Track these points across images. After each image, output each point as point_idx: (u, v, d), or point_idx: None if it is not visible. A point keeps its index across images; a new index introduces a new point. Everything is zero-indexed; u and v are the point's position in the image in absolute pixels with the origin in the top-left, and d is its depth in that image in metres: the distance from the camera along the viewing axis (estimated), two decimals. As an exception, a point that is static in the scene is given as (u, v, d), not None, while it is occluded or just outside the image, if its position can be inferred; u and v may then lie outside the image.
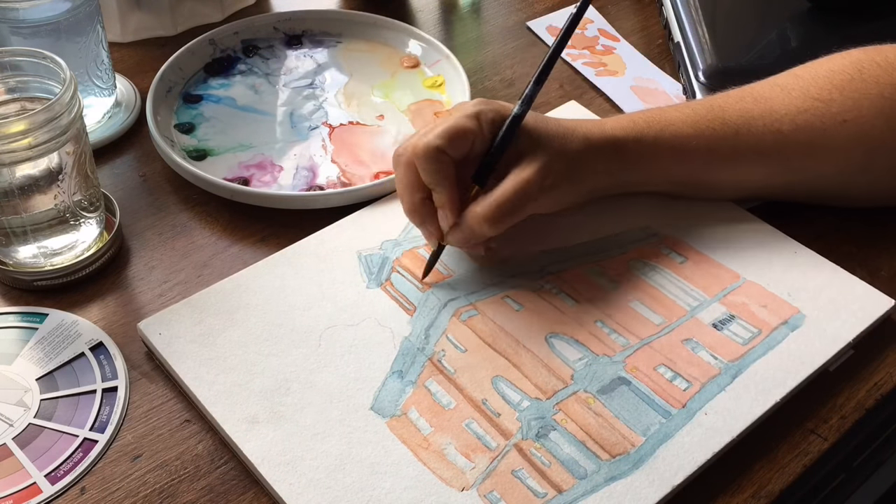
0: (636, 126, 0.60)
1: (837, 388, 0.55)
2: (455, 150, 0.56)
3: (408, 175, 0.57)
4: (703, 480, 0.50)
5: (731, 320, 0.57)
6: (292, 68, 0.78)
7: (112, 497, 0.49)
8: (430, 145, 0.56)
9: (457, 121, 0.57)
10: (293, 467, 0.49)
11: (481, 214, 0.56)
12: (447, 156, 0.56)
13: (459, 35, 0.85)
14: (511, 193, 0.56)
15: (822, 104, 0.60)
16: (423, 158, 0.56)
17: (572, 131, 0.58)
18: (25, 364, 0.55)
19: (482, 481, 0.49)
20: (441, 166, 0.56)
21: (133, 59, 0.80)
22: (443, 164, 0.56)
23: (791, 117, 0.60)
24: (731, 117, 0.61)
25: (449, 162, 0.56)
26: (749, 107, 0.61)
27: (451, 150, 0.56)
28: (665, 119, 0.61)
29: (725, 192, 0.64)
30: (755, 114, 0.61)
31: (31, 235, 0.59)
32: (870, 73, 0.60)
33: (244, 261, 0.62)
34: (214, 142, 0.71)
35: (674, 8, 0.80)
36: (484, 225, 0.56)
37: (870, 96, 0.60)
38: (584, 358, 0.55)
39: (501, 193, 0.56)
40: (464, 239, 0.58)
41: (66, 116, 0.55)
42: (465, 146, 0.57)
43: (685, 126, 0.60)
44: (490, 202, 0.56)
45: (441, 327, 0.57)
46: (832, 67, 0.61)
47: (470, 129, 0.56)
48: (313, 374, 0.54)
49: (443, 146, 0.55)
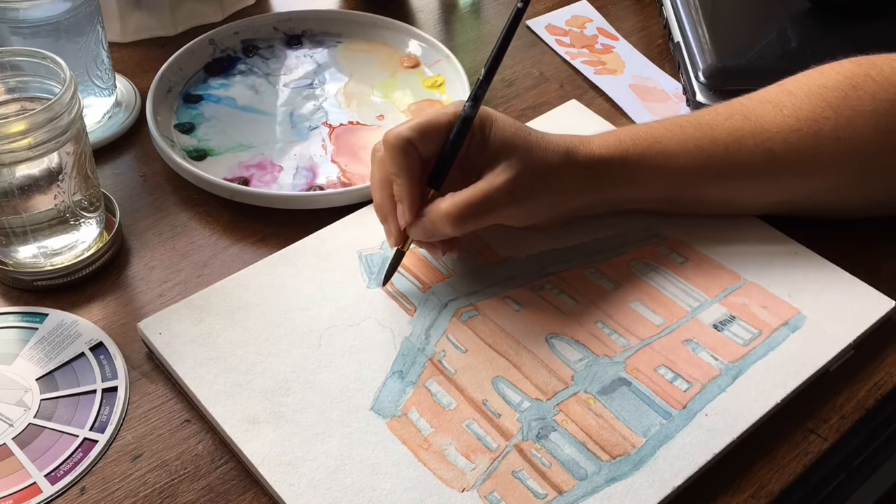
0: (622, 144, 0.59)
1: (837, 388, 0.55)
2: (424, 144, 0.55)
3: (380, 170, 0.57)
4: (703, 480, 0.50)
5: (732, 321, 0.57)
6: (292, 68, 0.78)
7: (112, 497, 0.49)
8: (399, 135, 0.55)
9: (431, 116, 0.56)
10: (293, 468, 0.49)
11: (444, 211, 0.55)
12: (414, 149, 0.55)
13: (459, 35, 0.85)
14: (478, 196, 0.55)
15: (816, 123, 0.58)
16: (391, 147, 0.55)
17: (554, 145, 0.57)
18: (25, 364, 0.55)
19: (483, 482, 0.49)
20: (406, 158, 0.55)
21: (133, 59, 0.80)
22: (408, 157, 0.55)
23: (783, 136, 0.59)
24: (720, 135, 0.59)
25: (415, 155, 0.55)
26: (739, 125, 0.59)
27: (420, 144, 0.55)
28: (651, 136, 0.59)
29: (715, 209, 0.63)
30: (745, 132, 0.59)
31: (31, 235, 0.58)
32: (864, 88, 0.59)
33: (244, 261, 0.62)
34: (214, 142, 0.71)
35: (674, 8, 0.80)
36: (446, 223, 0.55)
37: (864, 113, 0.58)
38: (584, 359, 0.55)
39: (468, 195, 0.55)
40: (424, 233, 0.56)
41: (66, 116, 0.55)
42: (435, 143, 0.56)
43: (672, 143, 0.59)
44: (455, 201, 0.55)
45: (441, 327, 0.57)
46: (825, 84, 0.60)
47: (443, 125, 0.56)
48: (313, 375, 0.54)
49: (412, 138, 0.55)
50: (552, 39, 0.84)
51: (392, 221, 0.57)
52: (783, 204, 0.62)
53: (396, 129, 0.56)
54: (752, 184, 0.60)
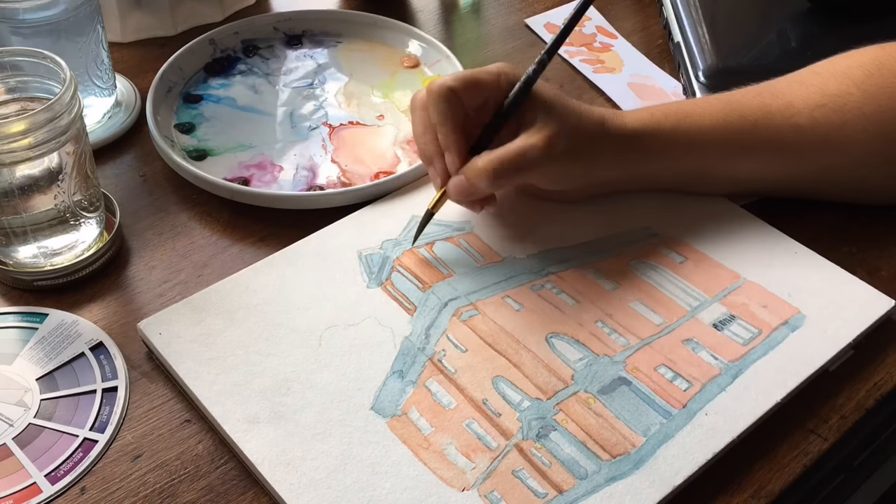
0: (653, 118, 0.61)
1: (837, 388, 0.55)
2: (468, 95, 0.57)
3: (421, 119, 0.59)
4: (703, 480, 0.50)
5: (732, 320, 0.57)
6: (292, 68, 0.78)
7: (112, 497, 0.49)
8: (444, 85, 0.57)
9: (477, 72, 0.58)
10: (293, 467, 0.49)
11: (482, 167, 0.57)
12: (458, 98, 0.57)
13: (459, 35, 0.85)
14: (514, 152, 0.57)
15: (840, 99, 0.60)
16: (434, 95, 0.57)
17: (589, 113, 0.59)
18: (25, 364, 0.55)
19: (483, 481, 0.49)
20: (449, 106, 0.57)
21: (133, 59, 0.80)
22: (451, 105, 0.57)
23: (809, 112, 0.60)
24: (748, 111, 0.61)
25: (458, 104, 0.57)
26: (767, 101, 0.61)
27: (464, 95, 0.57)
28: (682, 111, 0.61)
29: (740, 186, 0.64)
30: (773, 108, 0.61)
31: (31, 235, 0.58)
32: (889, 67, 0.61)
33: (244, 261, 0.62)
34: (214, 142, 0.71)
35: (674, 8, 0.80)
36: (483, 178, 0.57)
37: (889, 90, 0.60)
38: (584, 358, 0.55)
39: (505, 150, 0.57)
40: (461, 189, 0.58)
41: (66, 116, 0.55)
42: (479, 97, 0.58)
43: (702, 118, 0.61)
44: (492, 157, 0.57)
45: (441, 327, 0.57)
46: (850, 64, 0.62)
47: (487, 81, 0.58)
48: (313, 374, 0.54)
49: (456, 87, 0.57)
50: (551, 38, 0.83)
51: (438, 163, 0.59)
52: (808, 181, 0.63)
53: (440, 79, 0.58)
54: (779, 159, 0.62)
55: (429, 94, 0.57)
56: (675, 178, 0.63)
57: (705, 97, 0.63)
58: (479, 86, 0.58)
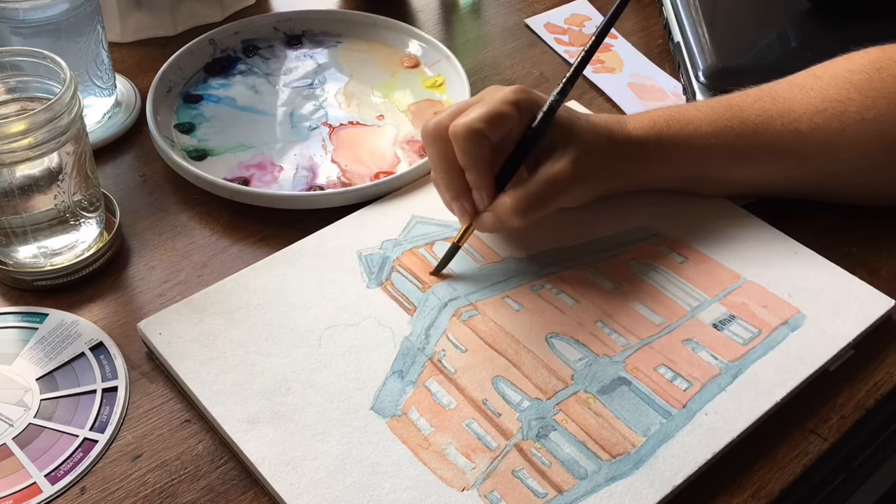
0: (656, 126, 0.61)
1: (837, 388, 0.55)
2: (494, 133, 0.56)
3: (445, 150, 0.57)
4: (703, 480, 0.50)
5: (732, 320, 0.57)
6: (292, 68, 0.78)
7: (112, 497, 0.49)
8: (472, 127, 0.55)
9: (498, 106, 0.57)
10: (293, 467, 0.49)
11: (511, 205, 0.56)
12: (487, 139, 0.56)
13: (459, 35, 0.85)
14: (543, 185, 0.57)
15: (841, 104, 0.60)
16: (463, 139, 0.56)
17: (598, 127, 0.59)
18: (25, 364, 0.55)
19: (483, 481, 0.49)
20: (479, 149, 0.56)
21: (133, 59, 0.80)
22: (481, 147, 0.56)
23: (809, 117, 0.60)
24: (749, 116, 0.61)
25: (488, 145, 0.56)
26: (767, 106, 0.61)
27: (492, 134, 0.56)
28: (684, 118, 0.61)
29: (742, 189, 0.64)
30: (773, 113, 0.61)
31: (31, 235, 0.58)
32: (889, 71, 0.60)
33: (244, 261, 0.62)
34: (214, 142, 0.71)
35: (674, 8, 0.80)
36: (513, 217, 0.57)
37: (889, 94, 0.60)
38: (584, 358, 0.55)
39: (534, 185, 0.57)
40: (490, 226, 0.58)
41: (66, 116, 0.55)
42: (504, 131, 0.57)
43: (704, 125, 0.61)
44: (521, 194, 0.56)
45: (441, 327, 0.57)
46: (850, 67, 0.62)
47: (511, 115, 0.57)
48: (313, 374, 0.54)
49: (485, 130, 0.56)
50: (551, 38, 0.84)
51: (465, 199, 0.58)
52: (809, 185, 0.63)
53: (464, 119, 0.56)
54: (780, 164, 0.62)
55: (455, 137, 0.56)
56: (677, 182, 0.63)
57: (706, 101, 0.63)
58: (503, 121, 0.56)
